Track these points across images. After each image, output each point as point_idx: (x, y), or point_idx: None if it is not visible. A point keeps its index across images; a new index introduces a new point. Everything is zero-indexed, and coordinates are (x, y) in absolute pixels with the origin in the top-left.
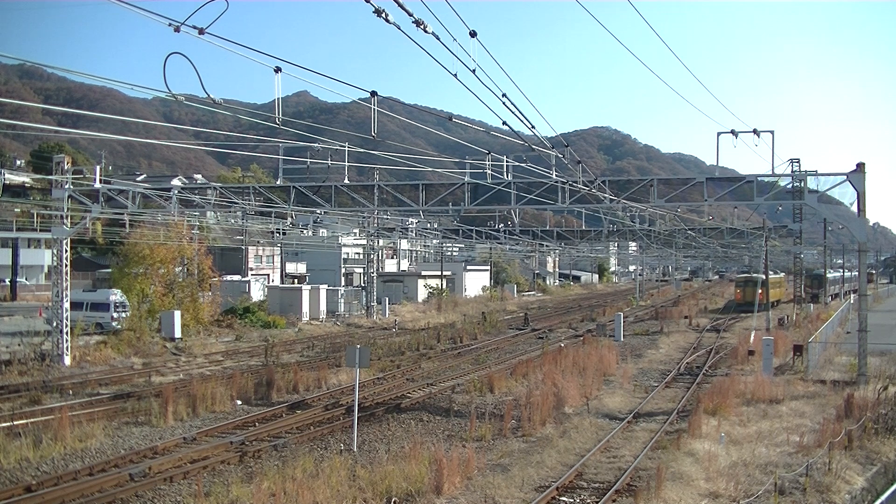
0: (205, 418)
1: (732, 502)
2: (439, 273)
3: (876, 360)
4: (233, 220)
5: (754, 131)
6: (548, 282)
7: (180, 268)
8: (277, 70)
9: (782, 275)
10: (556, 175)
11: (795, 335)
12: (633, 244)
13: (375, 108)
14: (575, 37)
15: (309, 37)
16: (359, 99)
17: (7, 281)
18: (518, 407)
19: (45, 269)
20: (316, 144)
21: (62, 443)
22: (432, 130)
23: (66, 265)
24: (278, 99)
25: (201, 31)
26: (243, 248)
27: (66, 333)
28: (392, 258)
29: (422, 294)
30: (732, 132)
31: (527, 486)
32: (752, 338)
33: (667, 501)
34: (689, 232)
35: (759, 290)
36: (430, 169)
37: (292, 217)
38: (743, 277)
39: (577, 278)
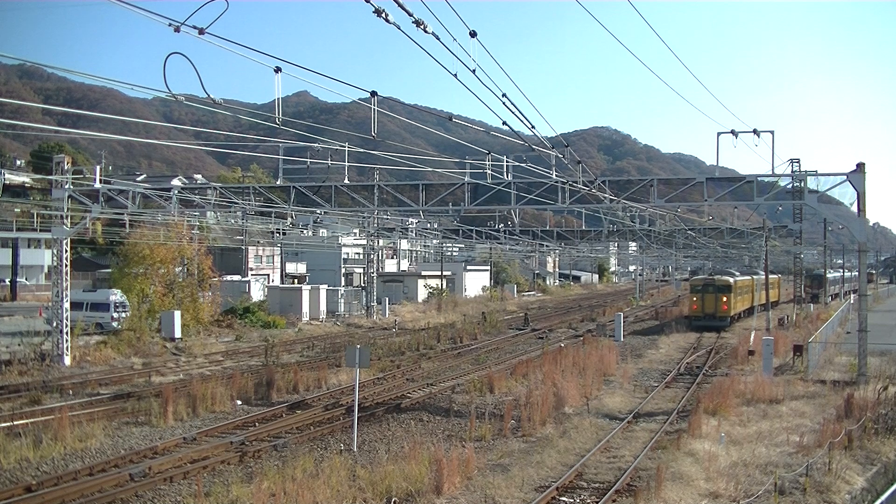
0: (205, 418)
1: (732, 502)
2: (439, 273)
3: (876, 360)
4: (233, 220)
5: (754, 131)
6: (548, 282)
7: (180, 268)
8: (277, 70)
9: (751, 277)
10: (556, 175)
11: (795, 335)
12: (633, 244)
13: (375, 108)
14: (575, 37)
15: (309, 37)
16: (359, 99)
17: (7, 281)
18: (518, 407)
19: (45, 269)
20: (316, 144)
21: (62, 443)
22: (432, 130)
23: (66, 265)
24: (278, 99)
25: (201, 31)
26: (243, 248)
27: (66, 333)
28: (392, 258)
29: (422, 294)
30: (732, 132)
31: (527, 486)
32: (752, 338)
33: (667, 501)
34: (689, 232)
35: (725, 298)
36: (430, 169)
37: (292, 217)
38: (701, 280)
39: (577, 278)
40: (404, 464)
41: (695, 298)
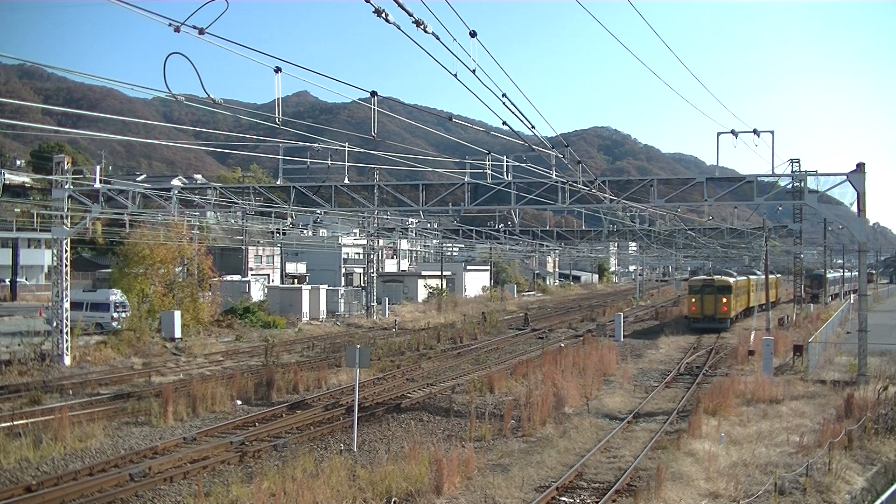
0: (205, 418)
1: (732, 502)
2: (439, 273)
3: (876, 360)
4: (233, 220)
5: (754, 131)
6: (548, 282)
7: (180, 268)
8: (277, 70)
9: (747, 277)
10: (556, 175)
11: (795, 335)
12: (633, 244)
13: (375, 108)
14: (575, 37)
15: (309, 37)
16: (359, 99)
17: (7, 281)
18: (518, 407)
19: (45, 269)
20: (316, 144)
21: (62, 443)
22: (432, 130)
23: (66, 265)
24: (278, 99)
25: (201, 31)
26: (243, 248)
27: (66, 333)
28: (392, 258)
29: (422, 294)
30: (732, 132)
31: (527, 486)
32: (752, 338)
33: (667, 501)
34: (689, 232)
35: (725, 299)
36: (430, 169)
37: (292, 217)
38: (700, 280)
39: (577, 278)
40: (404, 464)
41: (693, 300)
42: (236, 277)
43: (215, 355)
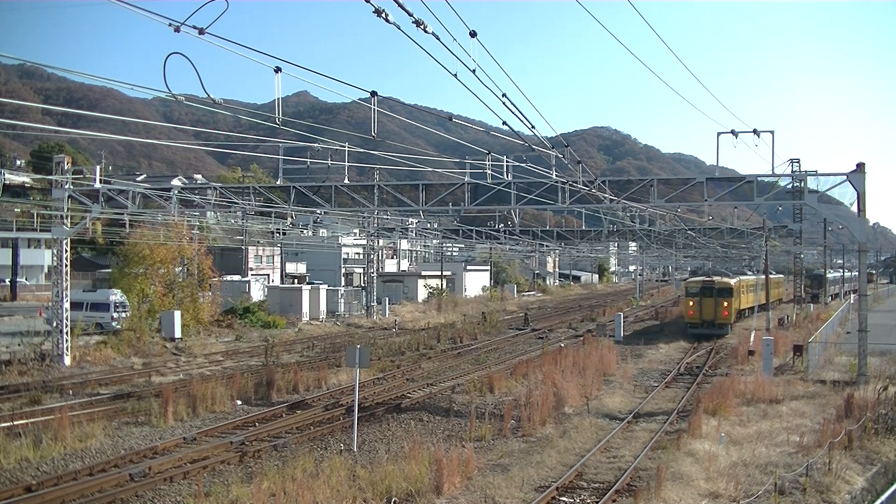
0: (205, 418)
1: (732, 502)
2: (439, 273)
3: (876, 360)
4: (233, 220)
5: (754, 131)
6: (548, 282)
7: (180, 268)
8: (277, 70)
9: (739, 278)
10: (556, 175)
11: (795, 335)
12: (633, 244)
13: (375, 108)
14: (575, 37)
15: (309, 37)
16: (359, 99)
17: (7, 281)
18: (518, 407)
19: (45, 269)
20: (316, 144)
21: (62, 443)
22: (432, 130)
23: (66, 265)
24: (278, 99)
25: (201, 31)
26: (243, 248)
27: (66, 333)
28: (392, 258)
29: (422, 294)
30: (732, 132)
31: (527, 486)
32: (752, 338)
33: (667, 501)
34: (689, 232)
35: (726, 303)
36: (430, 169)
37: (292, 217)
38: (698, 282)
39: (577, 278)
40: (404, 464)
41: (691, 303)
42: (236, 277)
43: (215, 355)
